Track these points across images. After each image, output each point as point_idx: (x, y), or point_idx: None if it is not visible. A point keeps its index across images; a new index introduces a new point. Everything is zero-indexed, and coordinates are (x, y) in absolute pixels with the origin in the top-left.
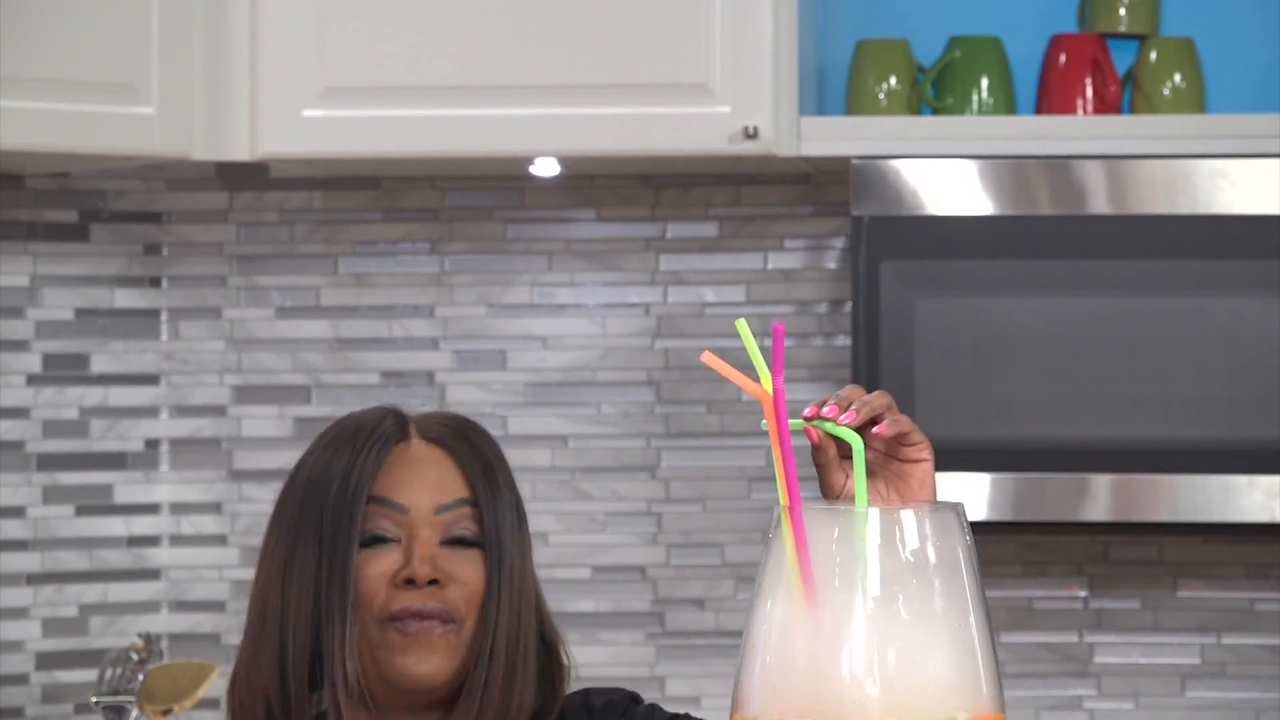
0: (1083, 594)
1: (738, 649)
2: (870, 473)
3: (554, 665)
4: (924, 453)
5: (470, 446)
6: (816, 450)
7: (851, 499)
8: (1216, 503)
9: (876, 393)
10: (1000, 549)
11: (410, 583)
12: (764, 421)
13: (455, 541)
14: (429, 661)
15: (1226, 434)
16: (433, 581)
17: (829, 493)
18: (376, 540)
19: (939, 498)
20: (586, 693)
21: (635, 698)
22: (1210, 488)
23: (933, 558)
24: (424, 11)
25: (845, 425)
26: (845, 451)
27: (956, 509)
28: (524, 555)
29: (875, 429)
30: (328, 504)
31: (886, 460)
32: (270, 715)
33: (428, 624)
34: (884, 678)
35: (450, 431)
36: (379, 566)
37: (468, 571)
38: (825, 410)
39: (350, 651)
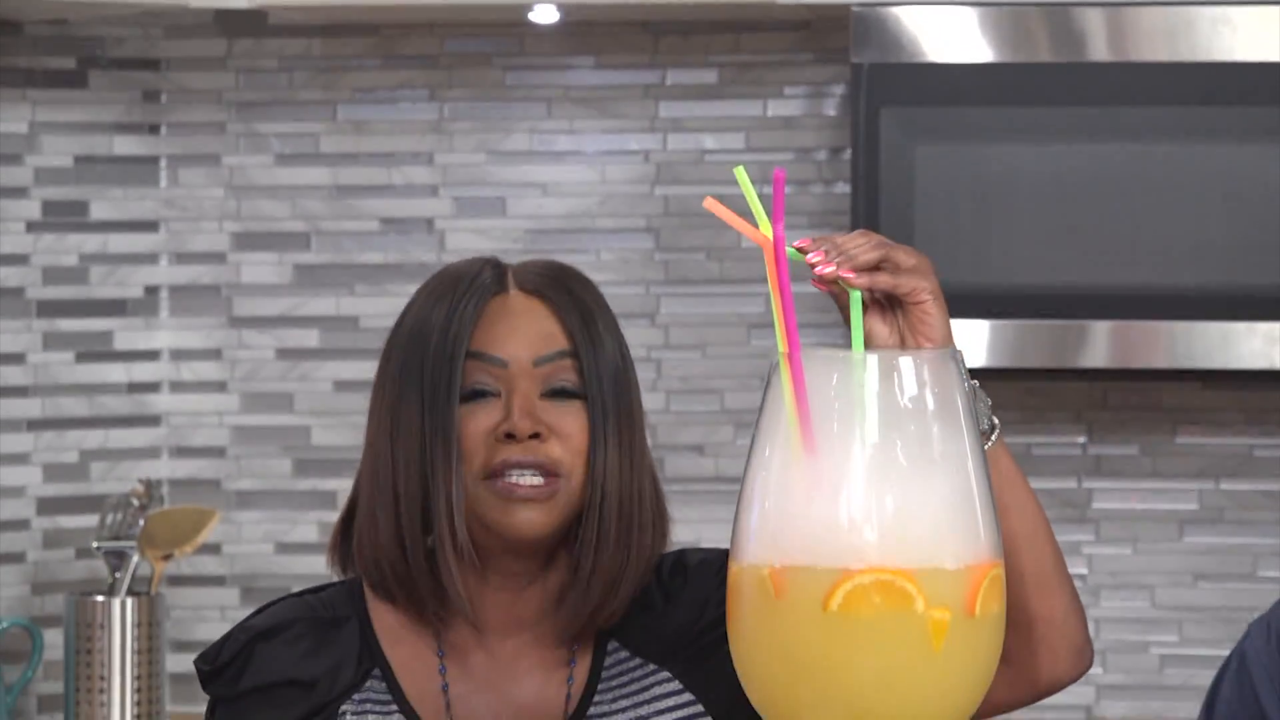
0: (1081, 440)
1: (737, 495)
2: (886, 307)
3: (660, 518)
4: (922, 295)
5: (569, 295)
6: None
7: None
8: (1216, 349)
9: (868, 244)
10: (999, 395)
11: (511, 437)
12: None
13: (557, 393)
14: (531, 518)
15: (1226, 280)
16: (534, 435)
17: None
18: (477, 395)
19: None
20: (681, 552)
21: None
22: (1209, 334)
23: (931, 404)
24: None
25: (820, 274)
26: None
27: (955, 355)
28: (631, 403)
29: (842, 275)
30: (427, 359)
31: (894, 298)
32: (392, 567)
33: (530, 489)
34: (882, 523)
35: (548, 281)
36: (480, 422)
37: (569, 424)
38: (810, 256)
39: (458, 510)
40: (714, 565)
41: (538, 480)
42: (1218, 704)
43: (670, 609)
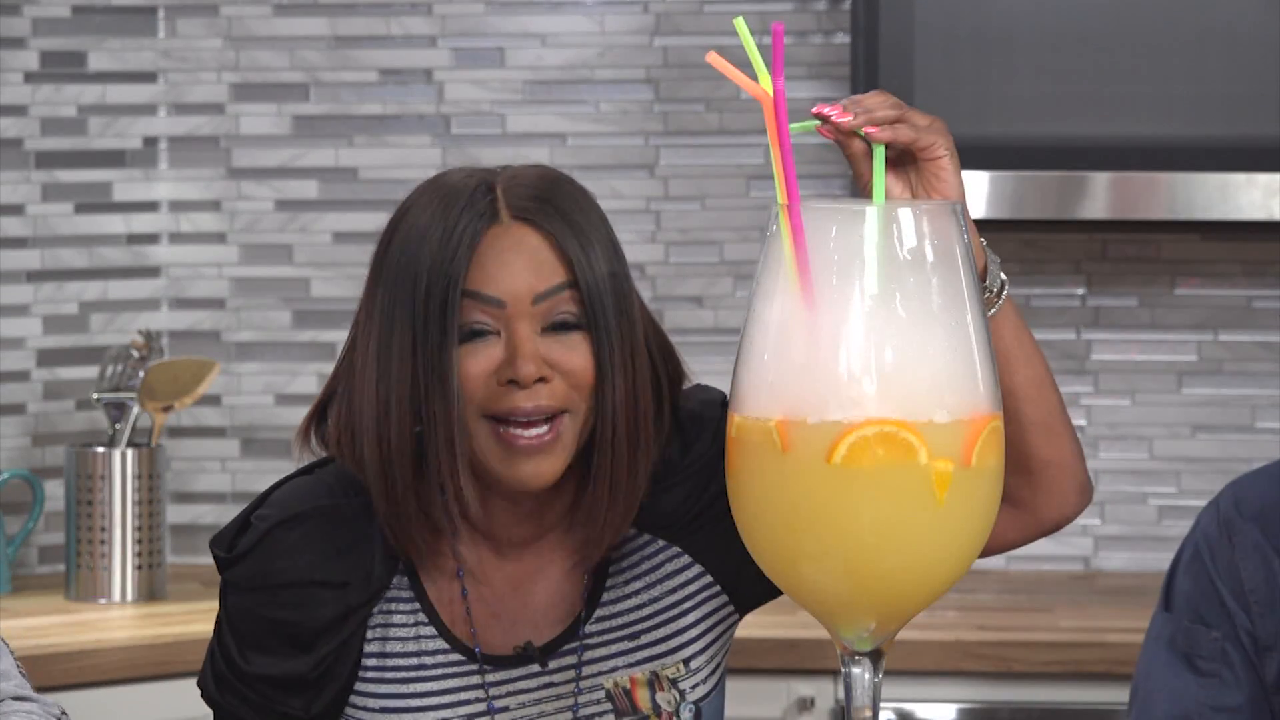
0: (1080, 291)
1: (736, 346)
2: (900, 165)
3: (665, 394)
4: (939, 151)
5: (562, 218)
6: (844, 144)
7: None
8: (1215, 200)
9: (887, 103)
10: (999, 247)
11: (514, 382)
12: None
13: (558, 327)
14: (536, 470)
15: (1226, 131)
16: (539, 379)
17: (860, 181)
18: (475, 334)
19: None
20: (675, 411)
21: (726, 401)
22: (1209, 185)
23: (930, 255)
24: None
25: (837, 122)
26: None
27: (954, 207)
28: (630, 317)
29: (867, 130)
30: (418, 297)
31: (908, 156)
32: (377, 499)
33: (535, 440)
34: (881, 375)
35: (540, 205)
36: (480, 364)
37: (574, 360)
38: (827, 108)
39: (462, 463)
40: (711, 425)
41: (541, 430)
42: (1175, 596)
43: (674, 480)
